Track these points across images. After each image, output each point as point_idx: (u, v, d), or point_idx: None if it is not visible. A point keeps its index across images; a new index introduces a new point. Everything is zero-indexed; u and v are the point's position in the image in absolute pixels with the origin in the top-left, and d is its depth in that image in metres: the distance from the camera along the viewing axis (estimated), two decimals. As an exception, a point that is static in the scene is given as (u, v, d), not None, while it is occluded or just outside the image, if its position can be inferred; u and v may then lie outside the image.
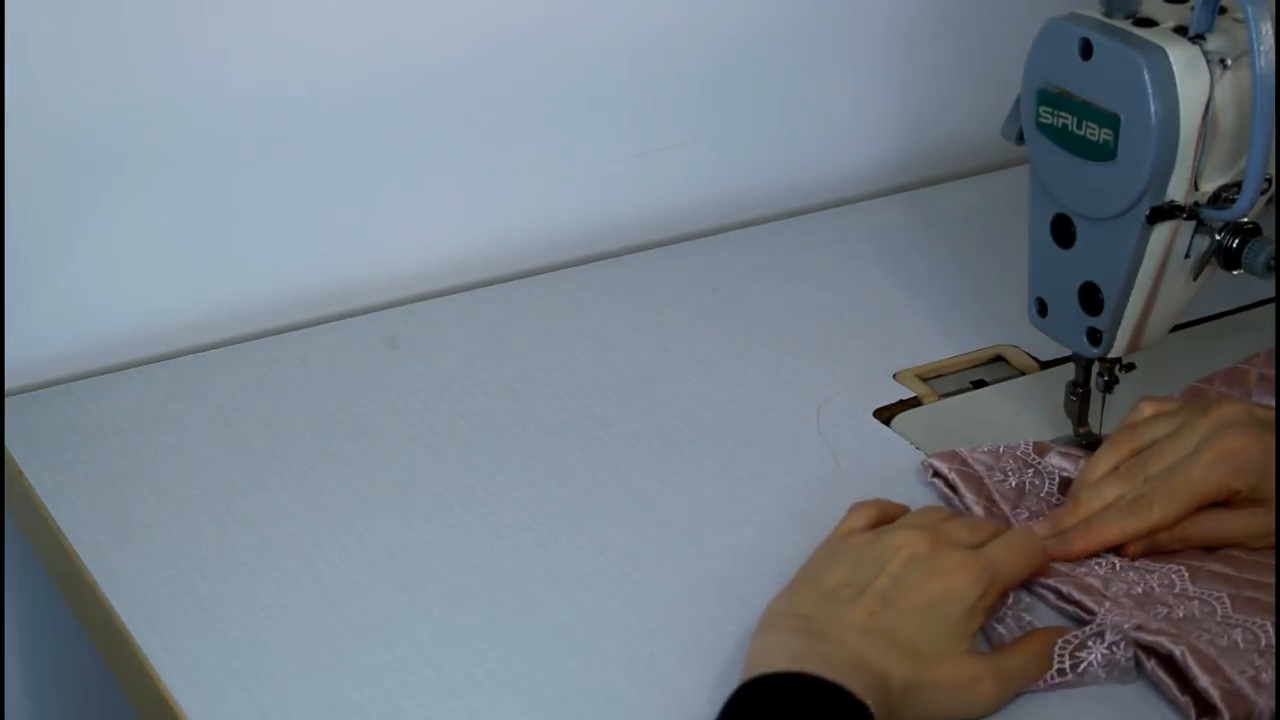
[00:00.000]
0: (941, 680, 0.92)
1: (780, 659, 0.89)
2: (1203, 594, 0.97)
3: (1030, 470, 1.06)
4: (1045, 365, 1.20)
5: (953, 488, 1.06)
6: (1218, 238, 1.03)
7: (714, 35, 1.34)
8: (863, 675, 0.88)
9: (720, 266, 1.32)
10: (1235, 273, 1.04)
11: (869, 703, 0.86)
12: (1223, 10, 0.99)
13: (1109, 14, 1.01)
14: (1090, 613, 0.96)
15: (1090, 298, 1.06)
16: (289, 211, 1.24)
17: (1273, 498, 1.00)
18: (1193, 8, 0.99)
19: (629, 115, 1.33)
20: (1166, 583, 0.98)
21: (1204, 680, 0.90)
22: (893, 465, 1.10)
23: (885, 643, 0.91)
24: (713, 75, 1.35)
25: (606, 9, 1.29)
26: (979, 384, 1.20)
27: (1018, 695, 0.93)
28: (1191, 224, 1.02)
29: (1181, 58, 0.98)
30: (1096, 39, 1.00)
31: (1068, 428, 1.11)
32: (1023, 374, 1.20)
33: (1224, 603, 0.96)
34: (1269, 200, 1.03)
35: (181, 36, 1.16)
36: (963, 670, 0.92)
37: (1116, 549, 1.01)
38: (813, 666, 0.88)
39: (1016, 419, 1.15)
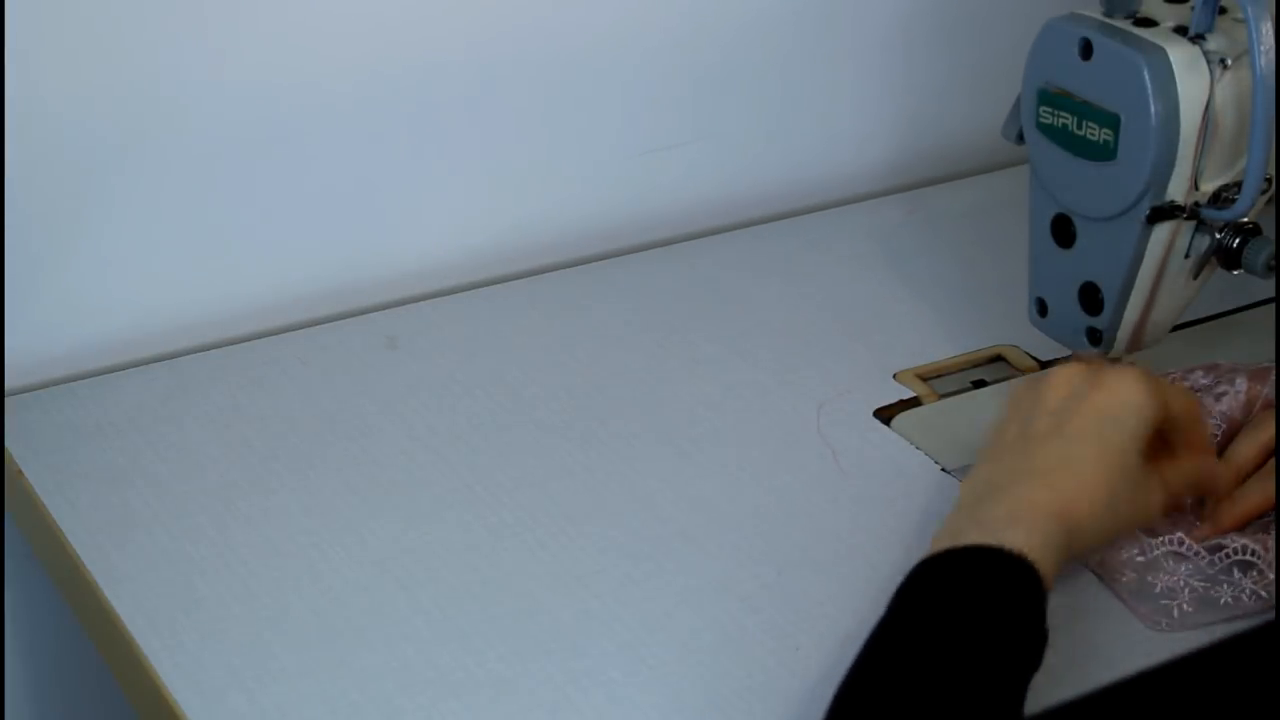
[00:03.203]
0: (1126, 499, 0.92)
1: (944, 542, 0.90)
2: None
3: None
4: (1045, 365, 1.20)
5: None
6: (1218, 237, 1.03)
7: (714, 35, 1.34)
8: (1031, 521, 0.88)
9: (720, 266, 1.32)
10: (1235, 273, 1.04)
11: (1029, 552, 0.86)
12: (1223, 10, 0.99)
13: (1109, 14, 1.01)
14: (1258, 551, 0.97)
15: (1090, 298, 1.06)
16: (289, 211, 1.24)
17: None
18: (1193, 8, 0.99)
19: (629, 115, 1.33)
20: None
21: None
22: (893, 465, 1.10)
23: (1063, 477, 0.91)
24: (713, 75, 1.35)
25: (607, 9, 1.29)
26: (979, 384, 1.20)
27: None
28: (1191, 224, 1.02)
29: (1181, 58, 0.98)
30: (1096, 39, 1.00)
31: (1068, 428, 1.11)
32: (1023, 374, 1.20)
33: None
34: (1269, 200, 1.03)
35: (182, 36, 1.16)
36: (1143, 485, 0.93)
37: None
38: (972, 536, 0.88)
39: (1016, 419, 1.15)
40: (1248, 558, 0.98)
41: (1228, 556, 0.98)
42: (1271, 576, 0.97)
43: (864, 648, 0.86)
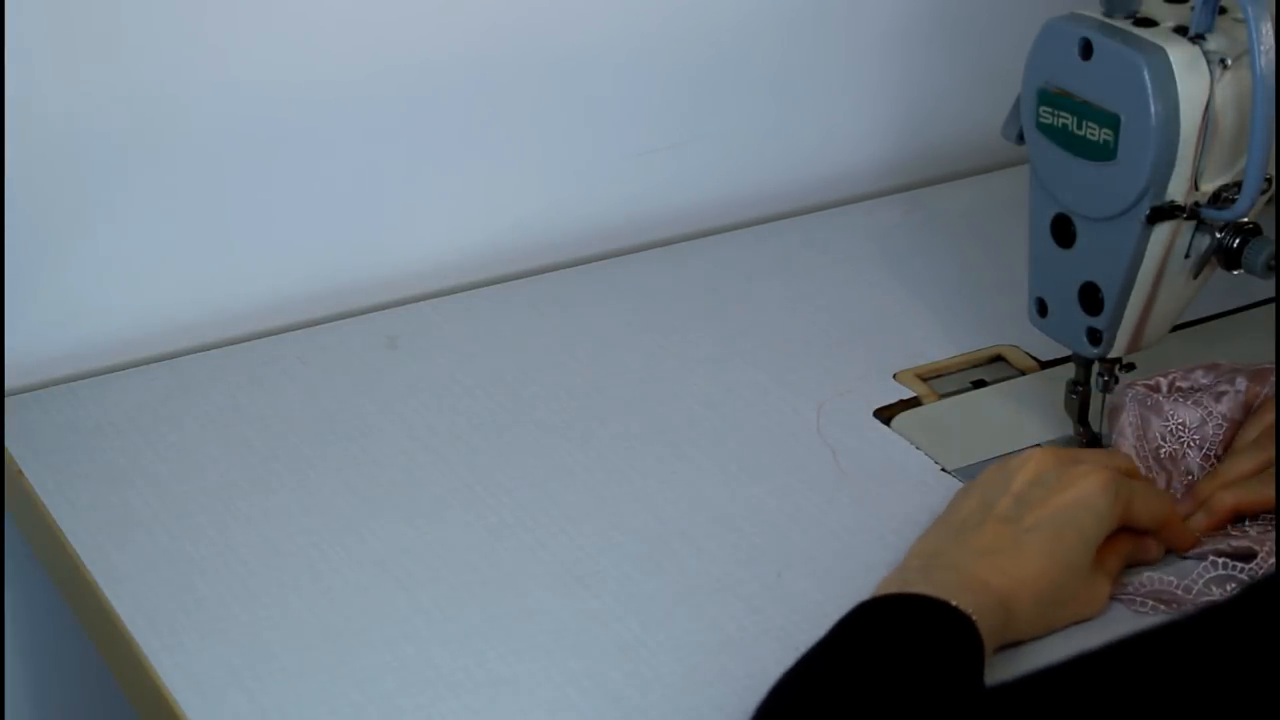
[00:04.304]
0: (1071, 595, 0.94)
1: (890, 588, 0.91)
2: None
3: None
4: (1045, 365, 1.20)
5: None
6: (1218, 237, 1.03)
7: (713, 35, 1.34)
8: (979, 594, 0.89)
9: (720, 266, 1.32)
10: (1235, 273, 1.04)
11: (976, 618, 0.87)
12: (1223, 10, 0.99)
13: (1109, 14, 1.01)
14: (1252, 555, 0.98)
15: (1090, 298, 1.06)
16: (289, 211, 1.24)
17: None
18: (1193, 8, 0.99)
19: (628, 115, 1.33)
20: None
21: None
22: (893, 465, 1.10)
23: (1012, 562, 0.92)
24: (711, 75, 1.35)
25: (605, 8, 1.29)
26: (979, 384, 1.20)
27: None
28: (1191, 224, 1.02)
29: (1181, 58, 0.98)
30: (1096, 39, 1.00)
31: (1068, 427, 1.11)
32: (1023, 374, 1.20)
33: None
34: (1269, 200, 1.03)
35: (182, 36, 1.16)
36: (1088, 582, 0.95)
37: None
38: (919, 589, 0.89)
39: (1016, 419, 1.15)
40: (1231, 571, 0.98)
41: (1208, 569, 0.98)
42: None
43: (794, 668, 0.86)
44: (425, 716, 0.92)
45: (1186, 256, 1.04)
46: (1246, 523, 1.03)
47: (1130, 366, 1.09)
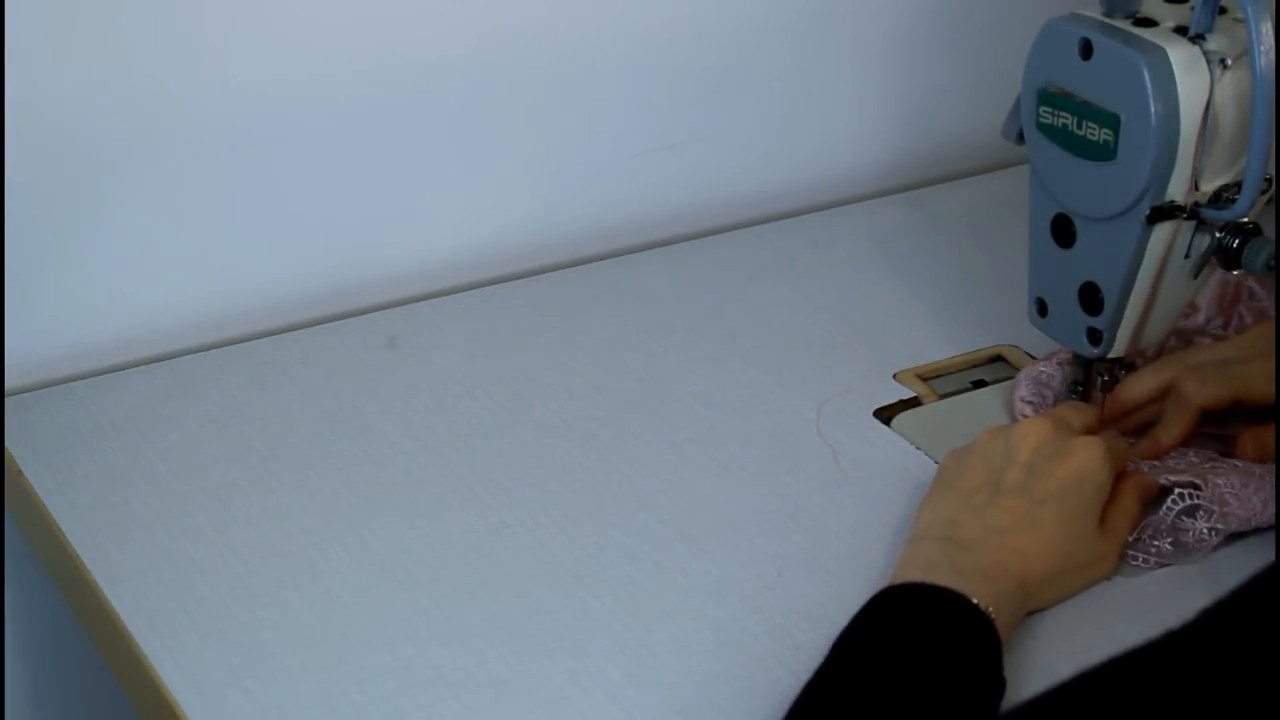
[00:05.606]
0: (1081, 562, 0.97)
1: (915, 570, 0.93)
2: None
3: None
4: (1045, 365, 1.20)
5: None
6: (1218, 237, 1.03)
7: (714, 35, 1.34)
8: (999, 580, 0.92)
9: (720, 266, 1.32)
10: (1235, 273, 1.04)
11: (994, 613, 0.90)
12: (1223, 10, 0.99)
13: (1109, 14, 1.01)
14: (1197, 488, 1.01)
15: (1090, 298, 1.06)
16: (289, 211, 1.24)
17: None
18: (1193, 8, 0.99)
19: (628, 115, 1.33)
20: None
21: None
22: (893, 465, 1.10)
23: (1028, 538, 0.95)
24: (712, 75, 1.35)
25: (606, 9, 1.29)
26: (979, 384, 1.20)
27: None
28: (1191, 224, 1.02)
29: (1181, 58, 0.98)
30: (1096, 39, 1.00)
31: (1068, 428, 1.12)
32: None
33: None
34: (1269, 200, 1.03)
35: (183, 36, 1.16)
36: (1096, 547, 0.98)
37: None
38: (943, 578, 0.91)
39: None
40: (1194, 502, 1.01)
41: (1176, 502, 1.01)
42: (1219, 511, 1.00)
43: (822, 666, 0.88)
44: (425, 716, 0.92)
45: (1186, 256, 1.04)
46: (1191, 454, 1.06)
47: (1131, 366, 1.09)
